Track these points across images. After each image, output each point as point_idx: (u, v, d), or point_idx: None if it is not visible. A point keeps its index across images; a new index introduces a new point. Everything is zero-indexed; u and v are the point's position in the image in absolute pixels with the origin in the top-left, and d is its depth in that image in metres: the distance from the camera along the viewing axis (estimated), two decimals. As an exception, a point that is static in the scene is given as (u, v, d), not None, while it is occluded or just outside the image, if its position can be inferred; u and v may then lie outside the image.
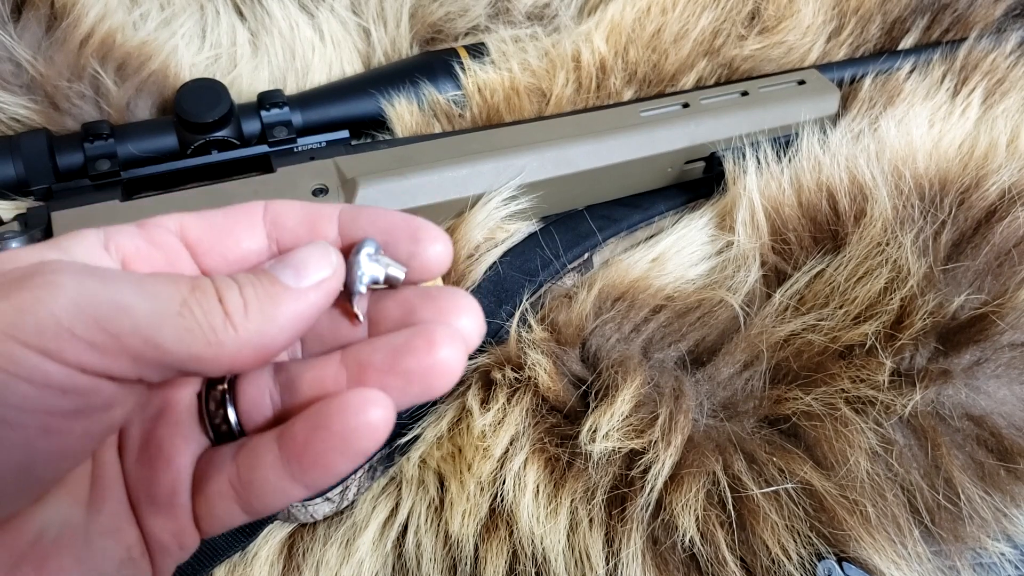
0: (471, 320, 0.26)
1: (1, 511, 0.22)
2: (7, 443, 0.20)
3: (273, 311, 0.23)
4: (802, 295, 0.44)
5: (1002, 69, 0.56)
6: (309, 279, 0.24)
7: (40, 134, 0.46)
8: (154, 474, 0.25)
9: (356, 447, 0.23)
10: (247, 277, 0.24)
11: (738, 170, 0.49)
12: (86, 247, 0.24)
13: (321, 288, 0.24)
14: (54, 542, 0.23)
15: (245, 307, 0.23)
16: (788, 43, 0.58)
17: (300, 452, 0.24)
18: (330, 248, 0.25)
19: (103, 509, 0.24)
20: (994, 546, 0.39)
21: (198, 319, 0.22)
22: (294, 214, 0.27)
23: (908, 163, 0.47)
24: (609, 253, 0.50)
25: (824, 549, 0.37)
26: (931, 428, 0.40)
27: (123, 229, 0.25)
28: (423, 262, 0.26)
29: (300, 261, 0.24)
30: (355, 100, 0.52)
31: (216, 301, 0.22)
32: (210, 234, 0.26)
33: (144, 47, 0.53)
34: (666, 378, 0.41)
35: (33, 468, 0.21)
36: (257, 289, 0.23)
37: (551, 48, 0.56)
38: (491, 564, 0.38)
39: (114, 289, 0.21)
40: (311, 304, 0.24)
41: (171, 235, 0.26)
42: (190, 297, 0.22)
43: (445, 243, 0.27)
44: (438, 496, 0.40)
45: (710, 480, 0.38)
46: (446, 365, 0.24)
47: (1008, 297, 0.42)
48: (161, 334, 0.21)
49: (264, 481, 0.24)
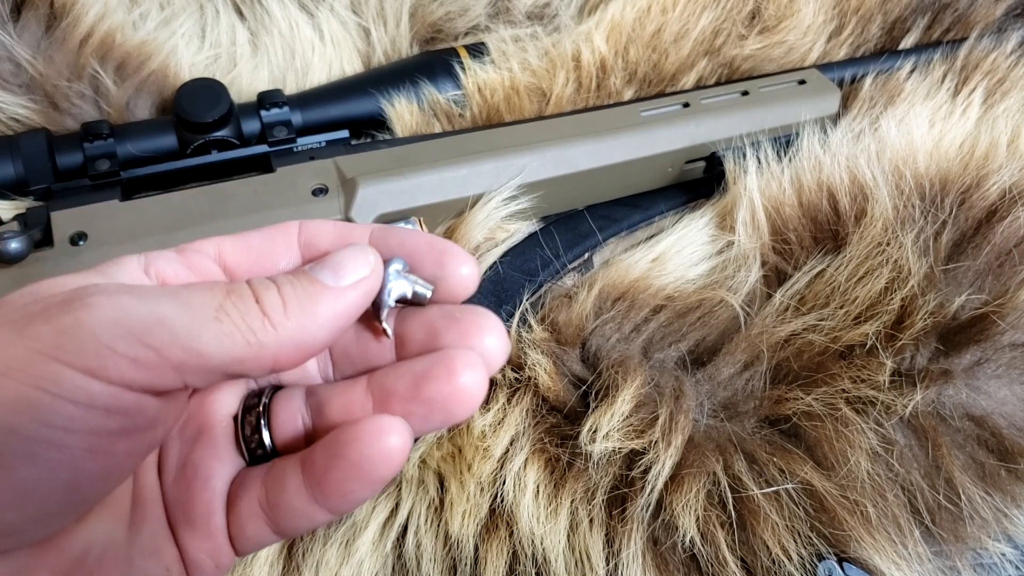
0: (494, 339, 0.26)
1: (47, 529, 0.22)
2: (54, 463, 0.20)
3: (312, 309, 0.23)
4: (803, 295, 0.44)
5: (1003, 69, 0.56)
6: (348, 278, 0.24)
7: (39, 134, 0.46)
8: (191, 495, 0.25)
9: (372, 475, 0.23)
10: (285, 277, 0.24)
11: (738, 170, 0.49)
12: (128, 272, 0.24)
13: (359, 287, 0.24)
14: (97, 561, 0.23)
15: (284, 306, 0.23)
16: (788, 43, 0.58)
17: (320, 479, 0.24)
18: (368, 249, 0.25)
19: (143, 529, 0.25)
20: (995, 546, 0.39)
21: (235, 322, 0.22)
22: (327, 236, 0.27)
23: (909, 163, 0.47)
24: (609, 253, 0.50)
25: (825, 549, 0.37)
26: (932, 428, 0.39)
27: (163, 255, 0.25)
28: (450, 284, 0.27)
29: (338, 262, 0.25)
30: (355, 100, 0.52)
31: (253, 302, 0.23)
32: (247, 257, 0.26)
33: (144, 47, 0.53)
34: (666, 378, 0.41)
35: (79, 487, 0.21)
36: (296, 288, 0.23)
37: (551, 48, 0.56)
38: (491, 564, 0.38)
39: (150, 302, 0.21)
40: (350, 303, 0.24)
41: (209, 260, 0.26)
42: (226, 301, 0.22)
43: (472, 265, 0.27)
44: (438, 496, 0.40)
45: (710, 480, 0.38)
46: (467, 392, 0.24)
47: (1009, 297, 0.41)
48: (201, 341, 0.21)
49: (289, 505, 0.24)
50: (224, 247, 0.26)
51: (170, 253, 0.26)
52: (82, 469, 0.21)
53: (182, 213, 0.43)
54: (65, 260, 0.42)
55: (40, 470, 0.20)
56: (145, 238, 0.42)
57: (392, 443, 0.23)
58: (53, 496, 0.21)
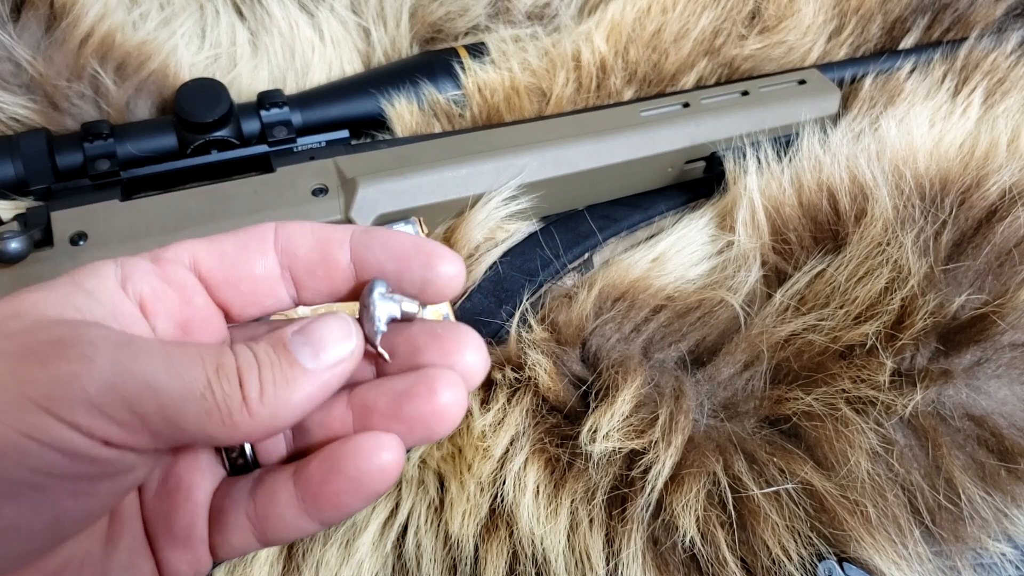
0: (475, 356, 0.26)
1: (27, 560, 0.22)
2: (37, 504, 0.21)
3: (288, 396, 0.23)
4: (803, 295, 0.44)
5: (1003, 69, 0.56)
6: (327, 358, 0.24)
7: (39, 134, 0.46)
8: (174, 508, 0.26)
9: (368, 489, 0.24)
10: (267, 354, 0.24)
11: (738, 170, 0.49)
12: (104, 285, 0.24)
13: (338, 369, 0.24)
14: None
15: (262, 392, 0.23)
16: (788, 43, 0.58)
17: (315, 493, 0.24)
18: (351, 325, 0.25)
19: (120, 544, 0.25)
20: (995, 546, 0.39)
21: (218, 402, 0.22)
22: (305, 240, 0.26)
23: (909, 163, 0.47)
24: (609, 253, 0.50)
25: (825, 549, 0.37)
26: (932, 428, 0.39)
27: (139, 267, 0.25)
28: (438, 286, 0.26)
29: (320, 339, 0.24)
30: (355, 100, 0.52)
31: (236, 384, 0.23)
32: (222, 265, 0.26)
33: (144, 47, 0.53)
34: (666, 378, 0.41)
35: (61, 524, 0.22)
36: (275, 372, 0.23)
37: (551, 48, 0.56)
38: (491, 564, 0.38)
39: (145, 368, 0.21)
40: (325, 385, 0.24)
41: (184, 270, 0.26)
42: (214, 379, 0.22)
43: (457, 264, 0.27)
44: (438, 496, 0.40)
45: (710, 480, 0.38)
46: (447, 412, 0.25)
47: (1009, 297, 0.41)
48: (183, 415, 0.22)
49: (280, 517, 0.25)
50: (198, 254, 0.26)
51: (146, 264, 0.25)
52: (64, 508, 0.22)
53: (182, 213, 0.44)
54: (65, 260, 0.42)
55: (23, 509, 0.21)
56: (145, 238, 0.42)
57: (388, 459, 0.24)
58: (36, 533, 0.21)
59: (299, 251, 0.26)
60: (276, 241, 0.27)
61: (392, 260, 0.26)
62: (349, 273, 0.27)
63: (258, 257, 0.26)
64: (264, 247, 0.26)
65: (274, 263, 0.26)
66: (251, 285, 0.26)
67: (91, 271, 0.24)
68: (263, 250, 0.26)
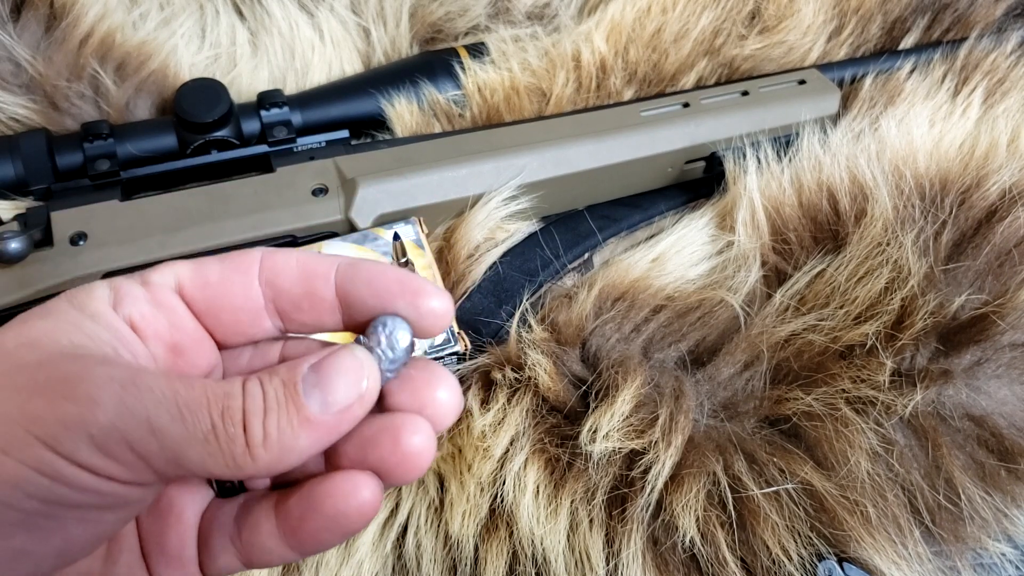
0: (446, 393, 0.26)
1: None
2: (48, 532, 0.22)
3: (292, 443, 0.23)
4: (803, 295, 0.44)
5: (1003, 69, 0.56)
6: (337, 406, 0.23)
7: (39, 134, 0.46)
8: (165, 528, 0.26)
9: (346, 528, 0.24)
10: (275, 396, 0.23)
11: (738, 170, 0.49)
12: (96, 307, 0.24)
13: (347, 415, 0.23)
14: None
15: (265, 439, 0.23)
16: (788, 43, 0.58)
17: (295, 528, 0.25)
18: (365, 367, 0.24)
19: (119, 561, 0.26)
20: (995, 546, 0.39)
21: (222, 447, 0.22)
22: (290, 274, 0.26)
23: (909, 163, 0.47)
24: (609, 253, 0.50)
25: (825, 549, 0.37)
26: (932, 428, 0.40)
27: (131, 291, 0.25)
28: (423, 325, 0.26)
29: (332, 383, 0.23)
30: (355, 100, 0.52)
31: (241, 431, 0.22)
32: (204, 295, 0.26)
33: (143, 47, 0.53)
34: (666, 378, 0.41)
35: (69, 550, 0.23)
36: (281, 418, 0.23)
37: (551, 48, 0.56)
38: (491, 564, 0.38)
39: (149, 409, 0.22)
40: (332, 431, 0.23)
41: (172, 293, 0.26)
42: (218, 423, 0.22)
43: (445, 301, 0.26)
44: (438, 496, 0.40)
45: (710, 480, 0.38)
46: (413, 459, 0.24)
47: (1009, 297, 0.41)
48: (186, 456, 0.22)
49: (262, 546, 0.25)
50: (183, 278, 0.26)
51: (137, 290, 0.25)
52: (73, 535, 0.22)
53: (182, 213, 0.44)
54: (65, 260, 0.42)
55: (35, 536, 0.22)
56: (145, 238, 0.42)
57: (365, 498, 0.24)
58: (45, 557, 0.22)
59: (283, 284, 0.26)
60: (260, 273, 0.26)
61: (377, 297, 0.25)
62: (335, 306, 0.26)
63: (240, 289, 0.26)
64: (248, 279, 0.26)
65: (257, 295, 0.26)
66: (232, 316, 0.26)
67: (88, 295, 0.25)
68: (247, 282, 0.26)
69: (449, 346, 0.41)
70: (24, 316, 0.24)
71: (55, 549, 0.22)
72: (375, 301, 0.25)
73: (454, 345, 0.41)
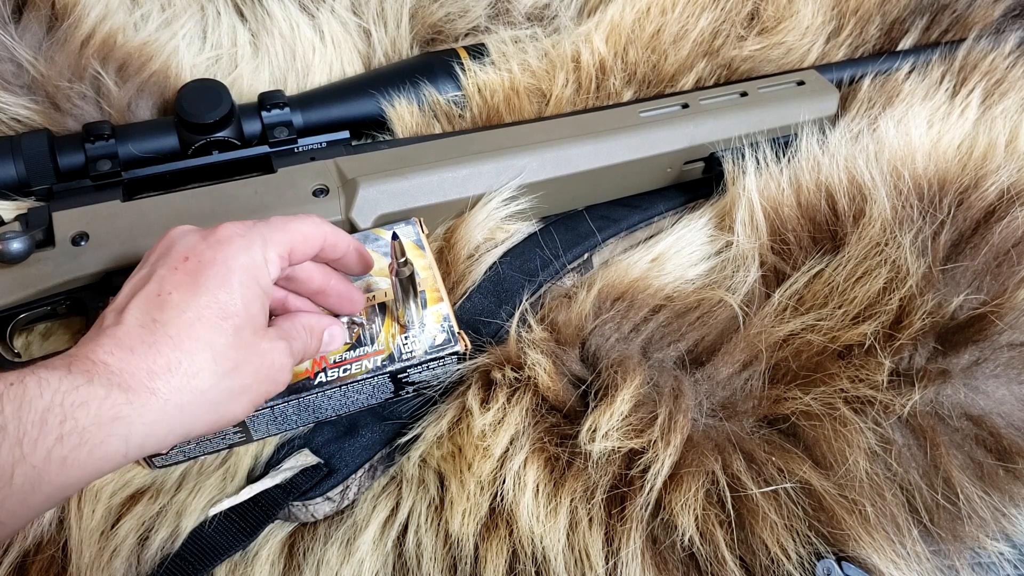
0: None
1: None
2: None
3: (314, 346, 0.39)
4: (801, 295, 0.44)
5: (1001, 69, 0.56)
6: (328, 349, 0.40)
7: (41, 134, 0.46)
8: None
9: None
10: (312, 336, 0.38)
11: (737, 170, 0.49)
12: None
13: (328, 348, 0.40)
14: None
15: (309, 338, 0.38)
16: (787, 44, 0.58)
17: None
18: (342, 339, 0.40)
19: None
20: (993, 545, 0.39)
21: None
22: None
23: (907, 163, 0.47)
24: (609, 253, 0.50)
25: (823, 548, 0.38)
26: (930, 428, 0.40)
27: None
28: None
29: (327, 347, 0.39)
30: (355, 101, 0.52)
31: (302, 331, 0.38)
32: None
33: (145, 48, 0.53)
34: (665, 378, 0.41)
35: None
36: (311, 342, 0.38)
37: (551, 49, 0.56)
38: (491, 563, 0.38)
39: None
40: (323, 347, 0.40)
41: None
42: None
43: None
44: (438, 495, 0.40)
45: (709, 479, 0.38)
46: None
47: (1007, 297, 0.42)
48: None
49: None
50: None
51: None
52: None
53: (184, 214, 0.44)
54: (66, 260, 0.42)
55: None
56: (146, 238, 0.42)
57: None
58: None
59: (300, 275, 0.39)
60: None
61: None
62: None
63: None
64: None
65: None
66: None
67: None
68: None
69: (449, 346, 0.41)
70: None
71: None
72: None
73: (454, 345, 0.41)
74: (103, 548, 0.38)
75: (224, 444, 0.40)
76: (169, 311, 0.31)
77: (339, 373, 0.40)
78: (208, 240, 0.33)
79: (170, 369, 0.30)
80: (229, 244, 0.33)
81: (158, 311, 0.31)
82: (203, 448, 0.40)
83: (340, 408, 0.42)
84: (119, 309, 0.31)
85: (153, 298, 0.31)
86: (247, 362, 0.32)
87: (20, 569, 0.38)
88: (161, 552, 0.39)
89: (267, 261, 0.34)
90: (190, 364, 0.30)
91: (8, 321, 0.41)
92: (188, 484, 0.40)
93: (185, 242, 0.33)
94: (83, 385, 0.28)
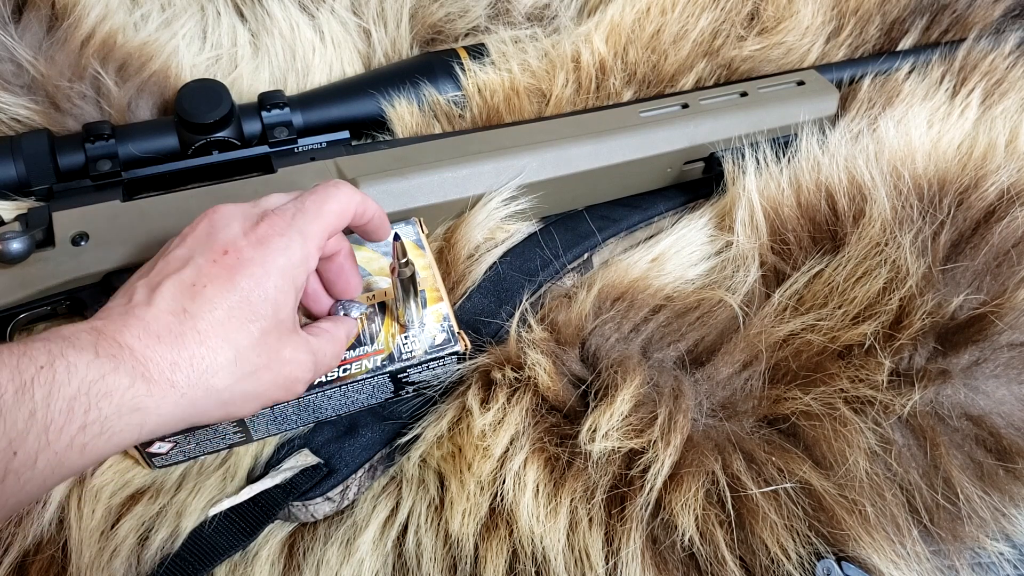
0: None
1: None
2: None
3: (337, 347, 0.39)
4: (801, 295, 0.44)
5: (1001, 70, 0.56)
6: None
7: (41, 134, 0.46)
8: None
9: None
10: (337, 336, 0.39)
11: (737, 170, 0.49)
12: None
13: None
14: None
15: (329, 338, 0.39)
16: (787, 44, 0.58)
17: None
18: (349, 337, 0.41)
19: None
20: (993, 546, 0.39)
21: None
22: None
23: (907, 163, 0.47)
24: (609, 253, 0.50)
25: (823, 548, 0.38)
26: (930, 428, 0.40)
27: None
28: None
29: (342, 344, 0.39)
30: (355, 101, 0.52)
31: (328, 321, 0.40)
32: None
33: (145, 48, 0.53)
34: (665, 378, 0.41)
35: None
36: (331, 344, 0.38)
37: (551, 49, 0.56)
38: (491, 563, 0.38)
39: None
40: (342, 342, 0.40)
41: None
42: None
43: None
44: (438, 495, 0.40)
45: (709, 479, 0.38)
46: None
47: (1007, 297, 0.42)
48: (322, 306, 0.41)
49: None
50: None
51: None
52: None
53: (184, 214, 0.44)
54: (66, 260, 0.42)
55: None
56: (146, 239, 0.42)
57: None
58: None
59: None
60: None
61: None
62: None
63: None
64: None
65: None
66: None
67: None
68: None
69: (449, 346, 0.41)
70: None
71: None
72: None
73: (454, 345, 0.41)
74: (103, 548, 0.38)
75: (224, 444, 0.40)
76: (201, 303, 0.31)
77: (339, 373, 0.40)
78: (249, 237, 0.33)
79: (192, 363, 0.30)
80: (268, 245, 0.33)
81: (190, 301, 0.31)
82: (203, 448, 0.40)
83: (340, 408, 0.42)
84: (152, 286, 0.31)
85: (188, 287, 0.31)
86: (267, 368, 0.33)
87: (20, 569, 0.38)
88: (161, 552, 0.39)
89: (307, 257, 0.34)
90: (212, 361, 0.31)
91: (8, 321, 0.41)
92: (188, 484, 0.40)
93: (228, 232, 0.33)
94: (109, 374, 0.28)
